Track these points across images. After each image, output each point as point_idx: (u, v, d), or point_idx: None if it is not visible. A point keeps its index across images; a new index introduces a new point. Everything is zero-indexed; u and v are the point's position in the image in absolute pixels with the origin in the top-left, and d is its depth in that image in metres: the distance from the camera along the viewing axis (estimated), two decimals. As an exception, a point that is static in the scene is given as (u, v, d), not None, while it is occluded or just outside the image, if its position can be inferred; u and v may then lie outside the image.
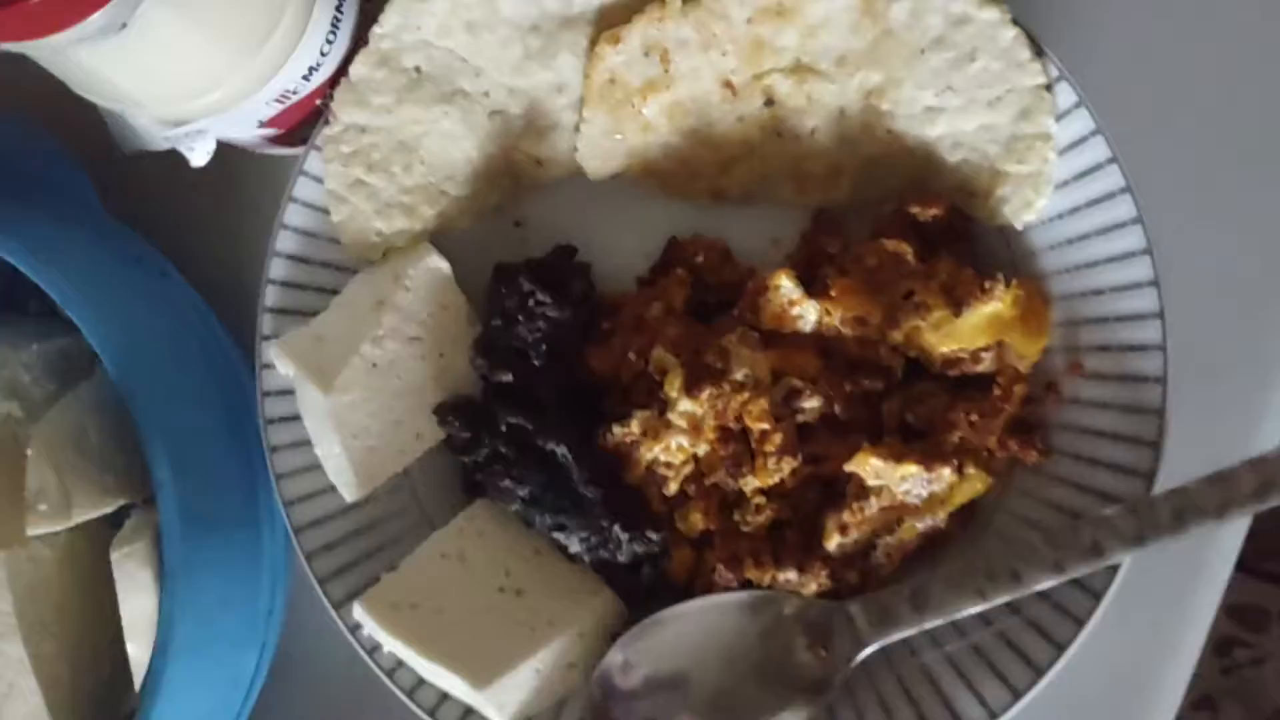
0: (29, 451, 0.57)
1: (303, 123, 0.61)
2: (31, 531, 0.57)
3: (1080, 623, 0.55)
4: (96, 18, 0.45)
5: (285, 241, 0.61)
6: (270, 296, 0.61)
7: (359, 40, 0.59)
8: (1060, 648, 0.55)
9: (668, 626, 0.58)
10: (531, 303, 0.60)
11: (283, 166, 0.66)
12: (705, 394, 0.57)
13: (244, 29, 0.52)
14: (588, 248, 0.63)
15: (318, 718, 0.67)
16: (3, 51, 0.48)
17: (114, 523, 0.59)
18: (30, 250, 0.59)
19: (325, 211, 0.61)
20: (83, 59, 0.50)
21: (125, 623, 0.57)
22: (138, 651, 0.57)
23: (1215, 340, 0.61)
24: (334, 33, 0.57)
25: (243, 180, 0.67)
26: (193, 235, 0.67)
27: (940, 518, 0.57)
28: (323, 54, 0.57)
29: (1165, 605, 0.63)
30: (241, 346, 0.65)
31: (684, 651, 0.57)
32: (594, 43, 0.59)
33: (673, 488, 0.59)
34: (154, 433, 0.57)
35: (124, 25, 0.48)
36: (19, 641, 0.57)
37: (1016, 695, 0.55)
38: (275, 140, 0.62)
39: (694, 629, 0.57)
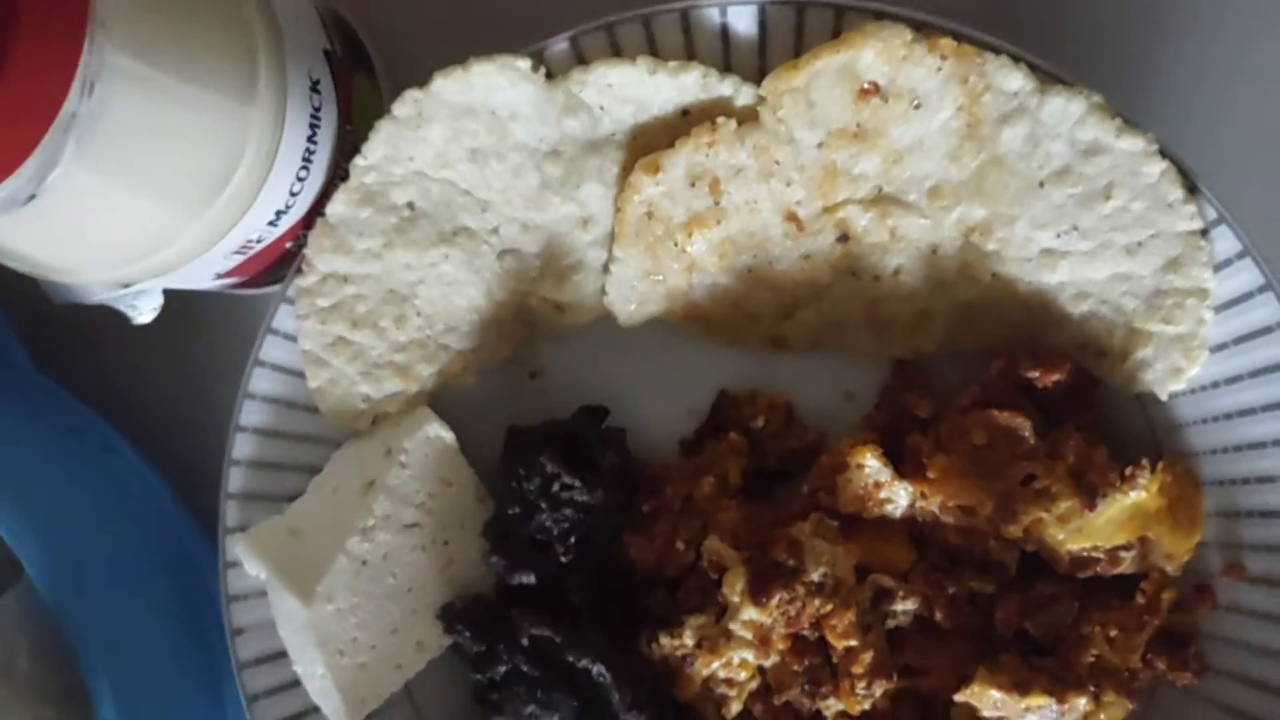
0: (-59, 692, 0.46)
1: (270, 268, 0.50)
2: (-54, 794, 0.46)
3: None
4: (-2, 191, 0.34)
5: (251, 414, 0.50)
6: (235, 480, 0.51)
7: (337, 174, 0.48)
8: None
9: None
10: (556, 487, 0.49)
11: (248, 306, 0.55)
12: (775, 600, 0.47)
13: (190, 183, 0.41)
14: (619, 404, 0.53)
15: None
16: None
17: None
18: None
19: (300, 376, 0.50)
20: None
21: None
22: None
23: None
24: (305, 168, 0.46)
25: (200, 325, 0.56)
26: (141, 395, 0.56)
27: (1069, 753, 0.46)
28: (293, 194, 0.46)
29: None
30: (203, 527, 0.54)
31: None
32: (627, 170, 0.48)
33: (735, 708, 0.49)
34: (96, 657, 0.48)
35: (32, 197, 0.36)
36: None
37: None
38: (237, 286, 0.51)
39: None
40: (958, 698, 0.46)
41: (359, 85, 0.51)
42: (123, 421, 0.54)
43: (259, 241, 0.47)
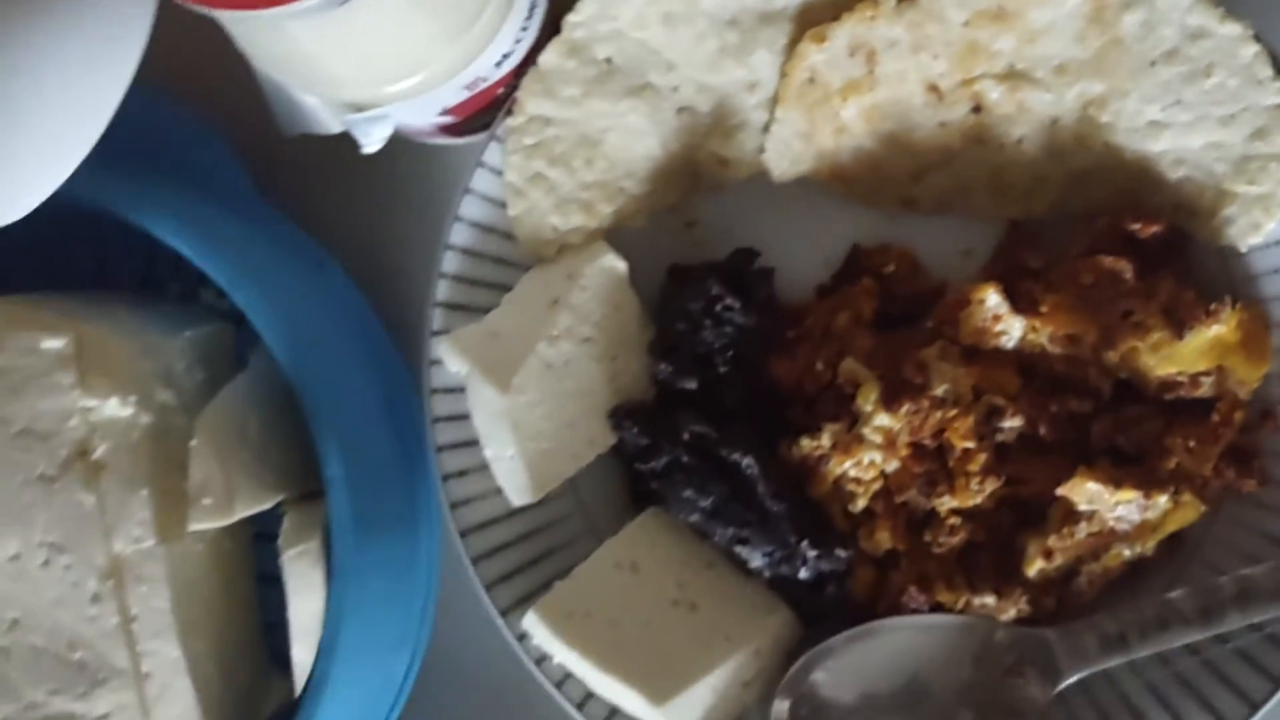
0: (193, 442, 0.54)
1: (478, 113, 0.59)
2: (193, 526, 0.54)
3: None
4: (325, -13, 0.43)
5: (459, 235, 0.59)
6: (442, 290, 0.59)
7: (549, 29, 0.57)
8: (1276, 681, 0.53)
9: (874, 644, 0.56)
10: (719, 307, 0.57)
11: (444, 156, 0.64)
12: (903, 408, 0.55)
13: (455, 11, 0.50)
14: (765, 252, 0.60)
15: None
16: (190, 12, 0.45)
17: (257, 521, 0.56)
18: (188, 227, 0.56)
19: (501, 205, 0.59)
20: (293, 35, 0.47)
21: (293, 624, 0.54)
22: (302, 654, 0.55)
23: None
24: (529, 20, 0.55)
25: (403, 170, 0.64)
26: (348, 226, 0.64)
27: (1148, 546, 0.55)
28: (516, 41, 0.55)
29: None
30: (398, 343, 0.62)
31: (899, 670, 0.55)
32: (795, 40, 0.57)
33: (860, 504, 0.57)
34: (325, 427, 0.55)
35: (344, 1, 0.45)
36: (175, 640, 0.55)
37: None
38: (445, 129, 0.60)
39: (906, 648, 0.55)
40: (1060, 491, 0.54)
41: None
42: (331, 246, 0.62)
43: (484, 81, 0.56)
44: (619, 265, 0.59)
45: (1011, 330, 0.56)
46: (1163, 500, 0.54)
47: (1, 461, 0.55)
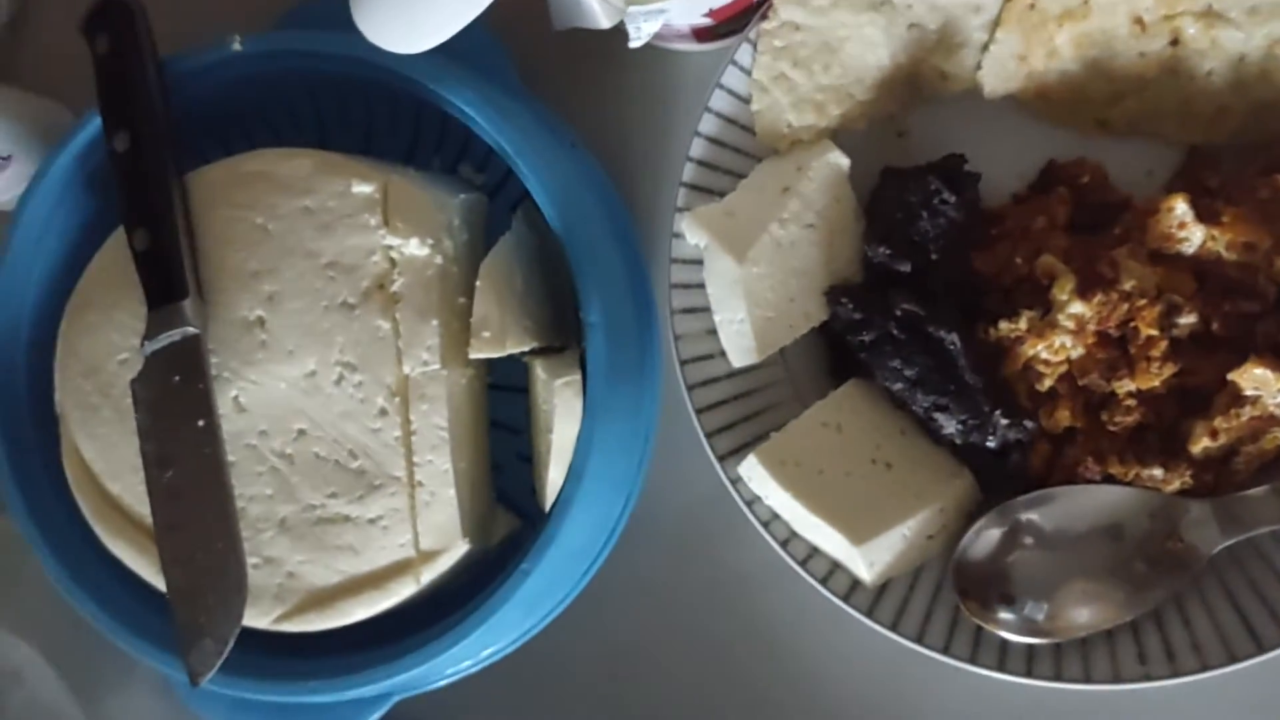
0: (479, 283, 0.62)
1: (731, 18, 0.66)
2: (473, 355, 0.63)
3: None
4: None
5: (708, 124, 0.67)
6: (688, 173, 0.67)
7: (809, -59, 0.64)
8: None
9: (1052, 507, 0.63)
10: (937, 200, 0.65)
11: (692, 64, 0.72)
12: (1096, 298, 0.62)
13: None
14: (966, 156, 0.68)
15: (667, 564, 0.72)
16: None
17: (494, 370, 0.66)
18: (484, 106, 0.64)
19: (745, 101, 0.67)
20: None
21: (555, 446, 0.62)
22: (556, 474, 0.63)
23: None
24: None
25: (655, 73, 0.72)
26: (596, 116, 0.72)
27: (1303, 433, 0.62)
28: (782, -54, 0.62)
29: None
30: (635, 221, 0.70)
31: (1075, 525, 0.63)
32: (1024, -33, 0.64)
33: (1047, 384, 0.64)
34: (588, 280, 0.63)
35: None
36: (447, 454, 0.63)
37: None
38: (699, 33, 0.68)
39: (1082, 510, 0.63)
40: (1230, 375, 0.61)
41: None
42: (583, 134, 0.71)
43: (745, -16, 0.64)
44: (843, 161, 0.67)
45: (1193, 237, 0.63)
46: (1324, 389, 0.61)
47: (308, 289, 0.63)
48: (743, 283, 0.64)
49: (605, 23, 0.64)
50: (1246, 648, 0.60)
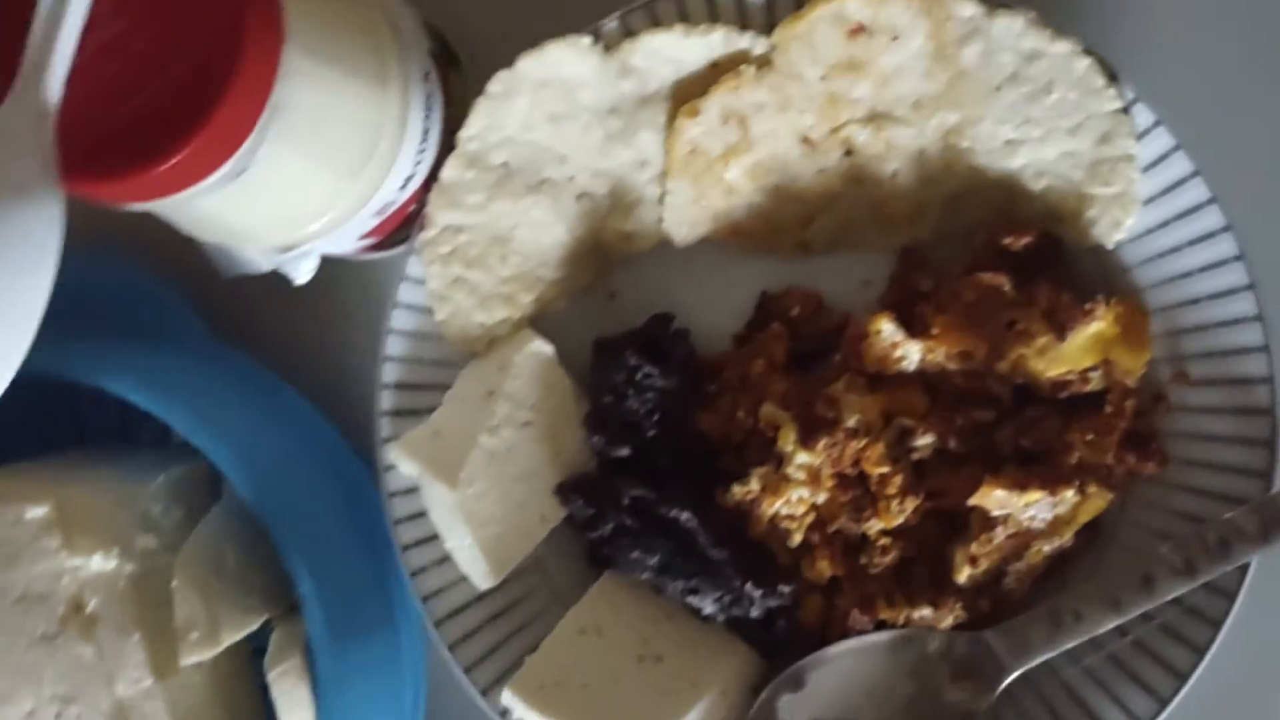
0: (174, 582, 0.59)
1: (398, 228, 0.63)
2: (184, 661, 0.59)
3: (1217, 624, 0.56)
4: (224, 167, 0.47)
5: (394, 345, 0.63)
6: (385, 400, 0.63)
7: (446, 145, 0.61)
8: (1200, 651, 0.56)
9: (818, 673, 0.59)
10: (639, 376, 0.61)
11: (376, 269, 0.68)
12: (821, 444, 0.59)
13: (349, 154, 0.54)
14: (682, 311, 0.64)
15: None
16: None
17: (253, 638, 0.61)
18: (143, 383, 0.61)
19: (429, 312, 0.63)
20: (202, 205, 0.52)
21: (295, 735, 0.59)
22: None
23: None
24: (424, 142, 0.59)
25: (340, 287, 0.69)
26: (298, 348, 0.69)
27: (1066, 538, 0.58)
28: (416, 164, 0.59)
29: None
30: (358, 451, 0.66)
31: (839, 696, 0.59)
32: (672, 117, 0.61)
33: (797, 539, 0.61)
34: (293, 547, 0.59)
35: (244, 170, 0.49)
36: (179, 771, 0.59)
37: (1161, 703, 0.56)
38: (370, 249, 0.64)
39: (844, 673, 0.59)
40: (971, 501, 0.57)
41: (452, 76, 0.64)
42: (284, 369, 0.67)
43: (393, 204, 0.60)
44: (546, 349, 0.63)
45: (910, 354, 0.60)
46: (1070, 495, 0.57)
47: (6, 628, 0.60)
48: (460, 507, 0.61)
49: (265, 267, 0.60)
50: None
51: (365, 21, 0.54)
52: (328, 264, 0.64)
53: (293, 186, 0.53)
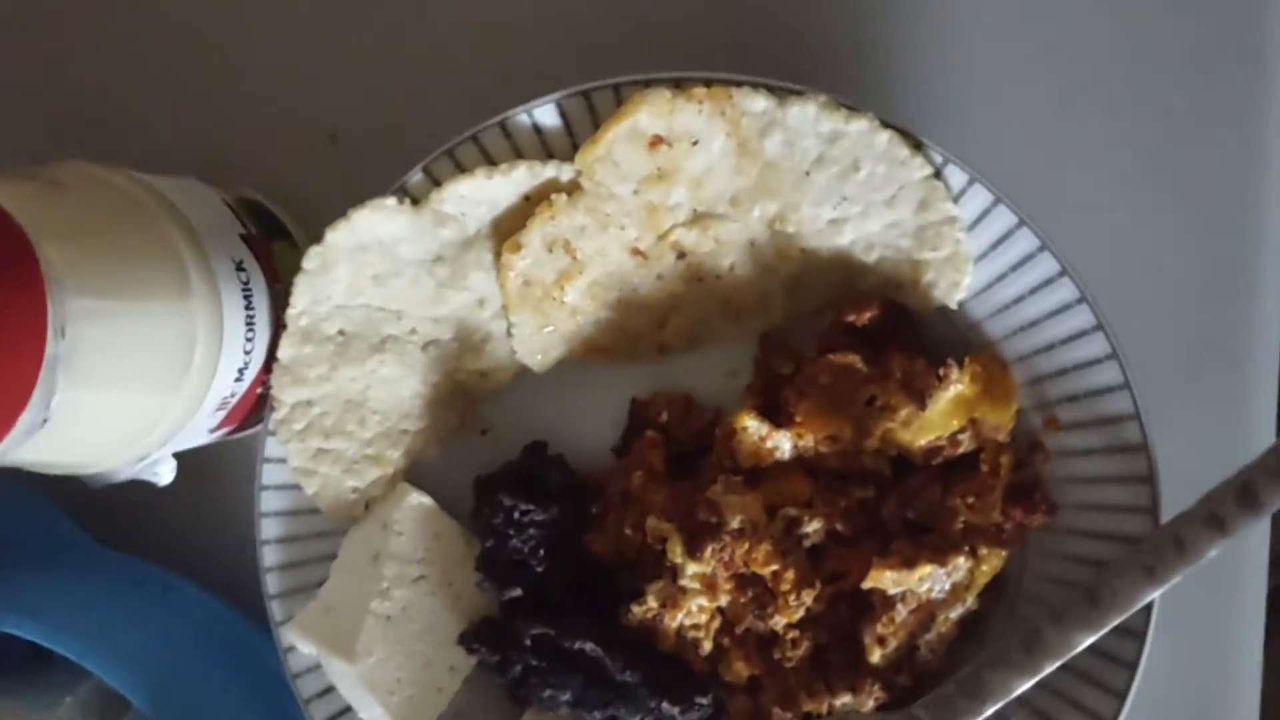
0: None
1: (251, 412, 0.62)
2: None
3: (1132, 666, 0.55)
4: (16, 428, 0.46)
5: (270, 528, 0.62)
6: (272, 584, 0.62)
7: (278, 324, 0.60)
8: (1121, 695, 0.55)
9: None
10: (517, 514, 0.60)
11: (245, 445, 0.67)
12: (708, 552, 0.58)
13: (161, 373, 0.53)
14: (558, 433, 0.63)
15: None
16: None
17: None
18: (30, 617, 0.60)
19: (298, 488, 0.62)
20: (23, 456, 0.51)
21: None
22: None
23: (1186, 340, 0.61)
24: (251, 329, 0.58)
25: (214, 468, 0.68)
26: (184, 540, 0.68)
27: (970, 602, 0.57)
28: (246, 352, 0.58)
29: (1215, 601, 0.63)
30: (261, 627, 0.65)
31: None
32: (498, 254, 0.60)
33: (707, 646, 0.60)
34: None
35: (45, 420, 0.48)
36: None
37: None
38: (231, 434, 0.63)
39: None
40: (865, 585, 0.57)
41: (279, 249, 0.63)
42: (173, 564, 0.66)
43: (233, 396, 0.59)
44: (424, 500, 0.62)
45: (781, 445, 0.59)
46: (961, 561, 0.56)
47: None
48: (363, 679, 0.60)
49: (122, 477, 0.59)
50: None
51: (151, 235, 0.53)
52: (193, 453, 0.63)
53: (106, 419, 0.52)
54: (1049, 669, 0.55)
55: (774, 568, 0.57)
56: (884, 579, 0.56)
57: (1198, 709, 0.63)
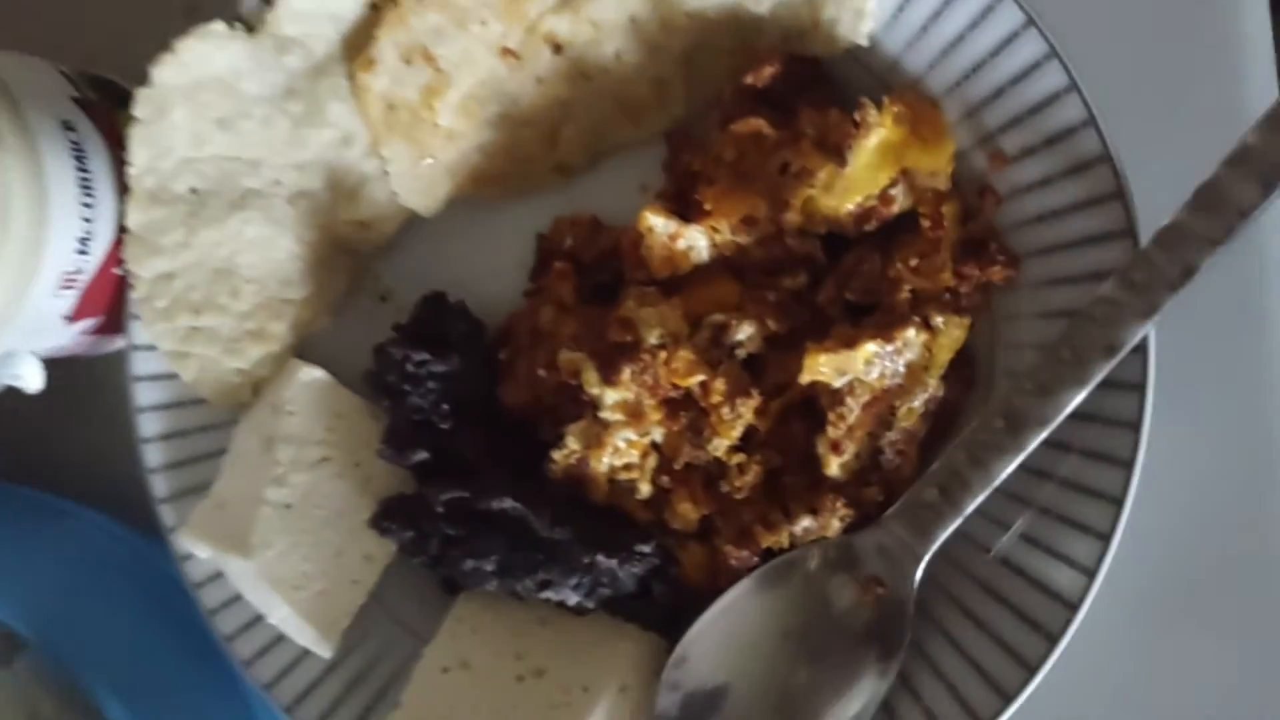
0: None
1: (115, 302, 0.56)
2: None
3: (1135, 426, 0.46)
4: None
5: (149, 424, 0.55)
6: (159, 486, 0.55)
7: (124, 189, 0.54)
8: (1117, 502, 0.46)
9: (700, 640, 0.50)
10: (410, 367, 0.53)
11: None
12: (625, 374, 0.50)
13: None
14: (465, 289, 0.56)
15: None
16: None
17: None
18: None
19: (176, 377, 0.55)
20: None
21: None
22: None
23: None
24: (89, 194, 0.52)
25: (101, 387, 0.61)
26: (73, 461, 0.61)
27: (934, 385, 0.49)
28: (87, 220, 0.52)
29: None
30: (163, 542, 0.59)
31: (720, 662, 0.49)
32: (354, 78, 0.53)
33: (645, 489, 0.52)
34: (99, 683, 0.52)
35: None
36: None
37: (1104, 539, 0.46)
38: (102, 332, 0.57)
39: (721, 634, 0.49)
40: (801, 379, 0.48)
41: (123, 118, 0.56)
42: (64, 490, 0.60)
43: (81, 272, 0.53)
44: (318, 374, 0.56)
45: (696, 242, 0.51)
46: (912, 334, 0.47)
47: None
48: (263, 575, 0.53)
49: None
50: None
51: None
52: (74, 367, 0.57)
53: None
54: (1035, 443, 0.46)
55: (699, 378, 0.49)
56: (822, 367, 0.47)
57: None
